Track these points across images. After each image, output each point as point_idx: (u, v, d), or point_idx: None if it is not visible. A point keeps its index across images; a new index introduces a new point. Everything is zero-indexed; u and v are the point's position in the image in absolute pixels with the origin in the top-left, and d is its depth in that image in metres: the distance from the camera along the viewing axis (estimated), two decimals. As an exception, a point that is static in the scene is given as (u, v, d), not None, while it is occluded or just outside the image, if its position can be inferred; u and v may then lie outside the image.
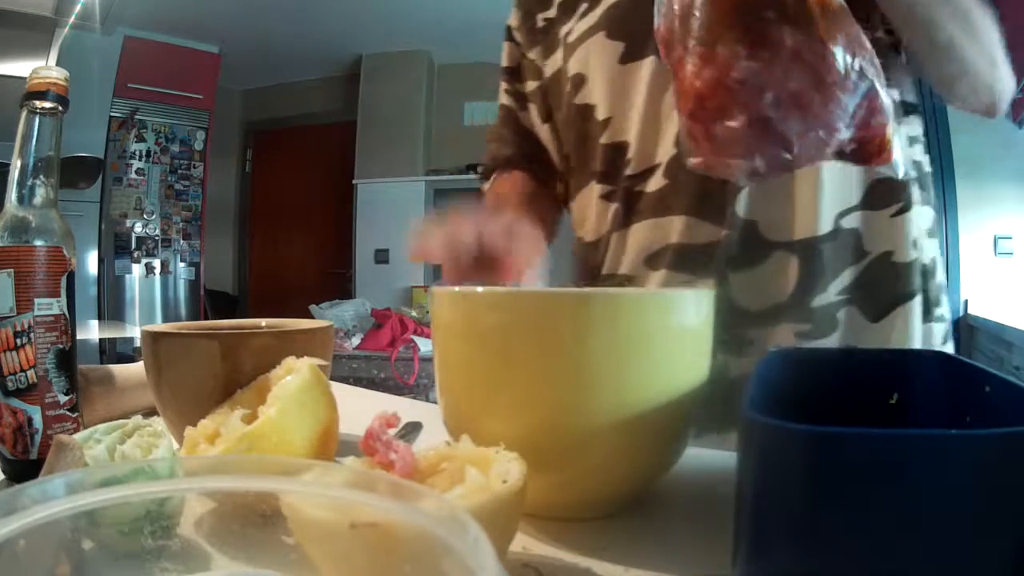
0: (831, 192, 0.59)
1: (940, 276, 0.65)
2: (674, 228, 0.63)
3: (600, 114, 0.67)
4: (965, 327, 2.80)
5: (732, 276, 0.60)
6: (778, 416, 0.23)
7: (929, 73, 0.60)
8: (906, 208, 0.61)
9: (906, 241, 0.61)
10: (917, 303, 0.61)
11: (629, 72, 0.64)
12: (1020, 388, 0.28)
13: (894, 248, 0.60)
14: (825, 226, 0.59)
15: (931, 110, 2.79)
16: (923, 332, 0.62)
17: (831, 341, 0.60)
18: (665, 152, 0.63)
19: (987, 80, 0.58)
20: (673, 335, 0.36)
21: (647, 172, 0.64)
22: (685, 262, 0.62)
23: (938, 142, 2.82)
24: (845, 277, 0.60)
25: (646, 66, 0.63)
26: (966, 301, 2.84)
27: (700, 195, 0.61)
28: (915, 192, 0.62)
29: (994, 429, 0.21)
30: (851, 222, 0.60)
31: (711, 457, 0.48)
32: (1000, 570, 0.21)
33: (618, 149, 0.65)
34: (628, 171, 0.65)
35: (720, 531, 0.32)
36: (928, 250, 0.63)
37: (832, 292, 0.60)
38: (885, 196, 0.60)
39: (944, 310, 0.65)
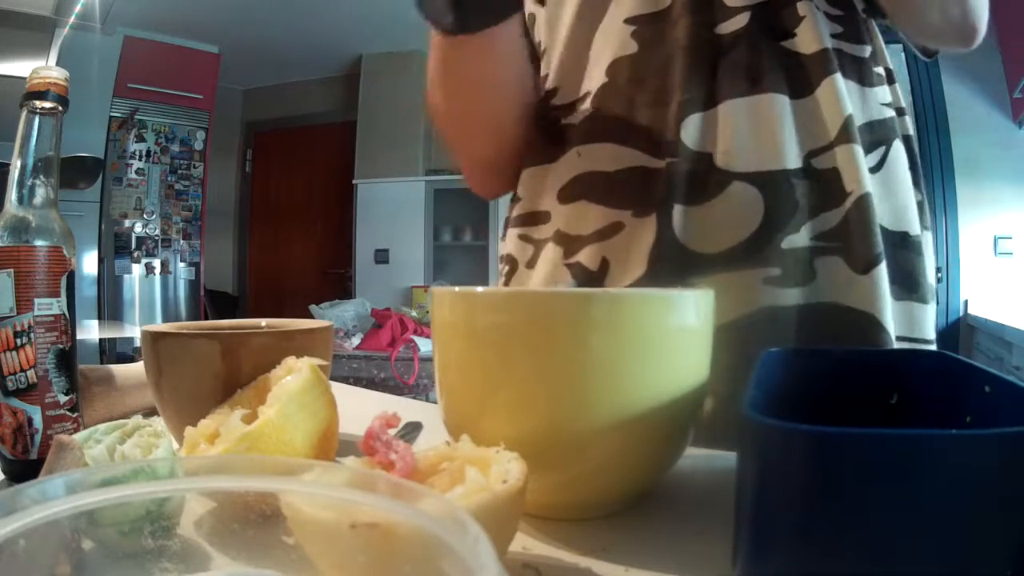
0: (797, 130, 0.54)
1: (930, 268, 0.60)
2: (597, 156, 0.58)
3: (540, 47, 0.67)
4: (965, 327, 2.80)
5: (680, 212, 0.54)
6: (778, 416, 0.23)
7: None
8: (881, 165, 0.57)
9: (880, 198, 0.55)
10: (882, 270, 0.53)
11: (560, 3, 0.65)
12: (1020, 388, 0.28)
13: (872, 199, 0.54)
14: (792, 162, 0.54)
15: (931, 110, 2.80)
16: (900, 310, 0.56)
17: (807, 292, 0.53)
18: (593, 82, 0.60)
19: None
20: (673, 335, 0.36)
21: (575, 103, 0.62)
22: (609, 193, 0.58)
23: (938, 142, 2.83)
24: (823, 221, 0.54)
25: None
26: (966, 301, 2.84)
27: (629, 122, 0.57)
28: (899, 153, 0.58)
29: (994, 429, 0.21)
30: (826, 162, 0.54)
31: (711, 457, 0.48)
32: (1000, 570, 0.21)
33: (544, 79, 0.65)
34: (554, 101, 0.63)
35: (720, 531, 0.32)
36: (915, 224, 0.58)
37: (805, 235, 0.54)
38: (864, 140, 0.55)
39: (932, 298, 0.60)
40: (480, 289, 0.38)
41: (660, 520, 0.38)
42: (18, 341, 0.42)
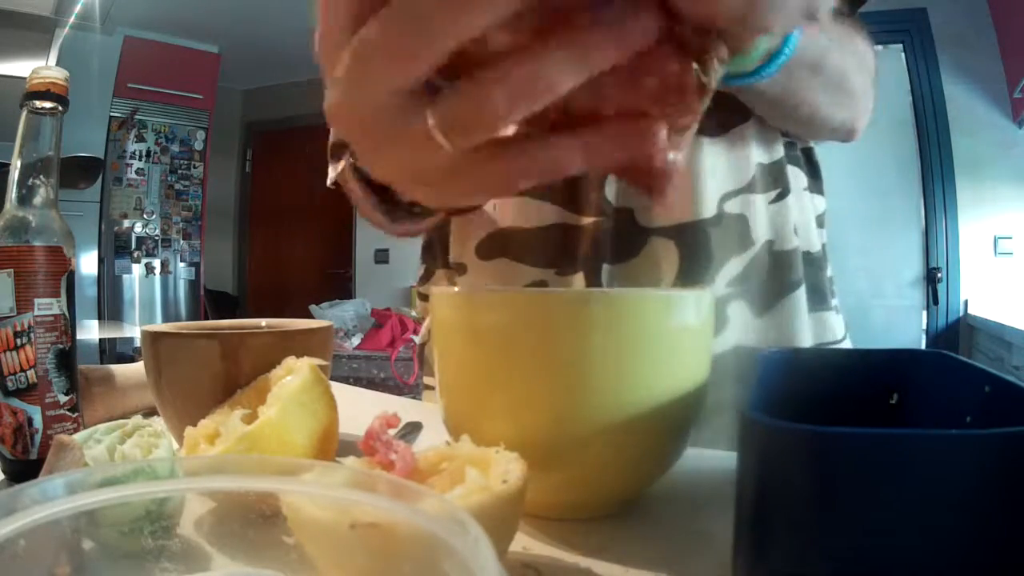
0: (713, 173, 0.55)
1: (831, 268, 0.62)
2: (514, 211, 0.58)
3: None
4: (965, 327, 2.80)
5: (607, 270, 0.55)
6: (778, 416, 0.23)
7: (780, 127, 0.58)
8: (784, 194, 0.57)
9: (786, 228, 0.57)
10: (802, 293, 0.57)
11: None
12: (1020, 388, 0.28)
13: (775, 236, 0.57)
14: (708, 210, 0.54)
15: (931, 110, 2.80)
16: (812, 323, 0.58)
17: (721, 340, 0.55)
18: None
19: (851, 120, 0.55)
20: (673, 336, 0.36)
21: None
22: (530, 251, 0.57)
23: (938, 142, 2.83)
24: (732, 267, 0.55)
25: None
26: (966, 301, 2.84)
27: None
28: (797, 177, 0.59)
29: (994, 429, 0.21)
30: (735, 207, 0.55)
31: (711, 457, 0.48)
32: (1000, 570, 0.21)
33: None
34: None
35: (720, 531, 0.32)
36: (815, 239, 0.60)
37: (721, 284, 0.55)
38: (766, 180, 0.57)
39: (837, 303, 0.62)
40: (480, 289, 0.38)
41: (660, 520, 0.38)
42: (18, 341, 0.42)
